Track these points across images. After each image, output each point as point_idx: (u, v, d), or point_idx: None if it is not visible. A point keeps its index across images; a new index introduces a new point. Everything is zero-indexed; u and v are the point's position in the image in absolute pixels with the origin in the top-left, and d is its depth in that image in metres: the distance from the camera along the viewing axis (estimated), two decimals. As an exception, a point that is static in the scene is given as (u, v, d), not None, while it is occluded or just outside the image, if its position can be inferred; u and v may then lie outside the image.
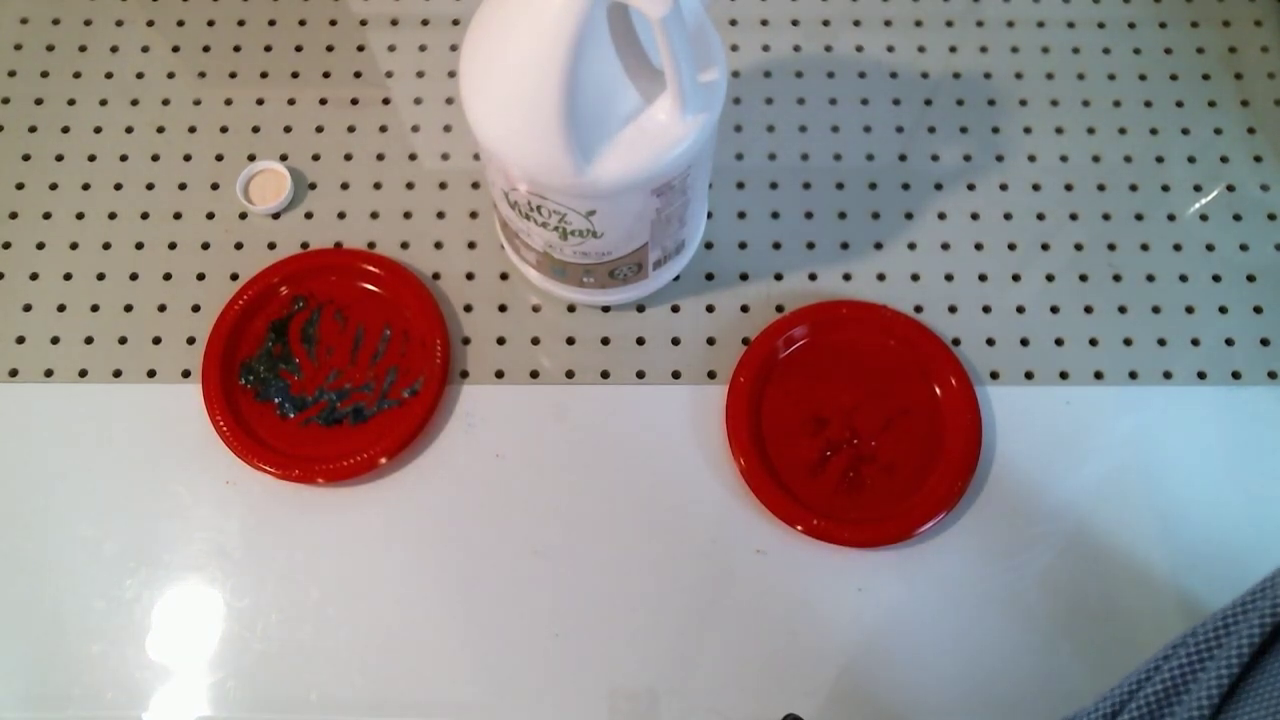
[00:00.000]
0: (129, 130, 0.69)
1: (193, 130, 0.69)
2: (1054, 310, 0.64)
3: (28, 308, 0.64)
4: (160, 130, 0.69)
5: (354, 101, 0.70)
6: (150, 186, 0.67)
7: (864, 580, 0.57)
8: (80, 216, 0.66)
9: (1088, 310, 0.64)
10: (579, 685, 0.56)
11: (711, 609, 0.57)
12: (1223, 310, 0.64)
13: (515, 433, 0.61)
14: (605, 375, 0.62)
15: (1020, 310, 0.64)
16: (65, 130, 0.69)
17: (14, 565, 0.58)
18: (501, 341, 0.63)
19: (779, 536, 0.58)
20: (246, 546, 0.58)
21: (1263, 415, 0.61)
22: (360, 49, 0.71)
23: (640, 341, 0.63)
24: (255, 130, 0.69)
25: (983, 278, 0.65)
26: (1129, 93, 0.70)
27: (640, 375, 0.62)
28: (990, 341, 0.63)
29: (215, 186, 0.67)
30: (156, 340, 0.63)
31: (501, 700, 0.55)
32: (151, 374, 0.62)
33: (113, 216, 0.66)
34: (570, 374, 0.62)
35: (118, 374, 0.62)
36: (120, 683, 0.55)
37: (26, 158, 0.68)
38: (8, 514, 0.59)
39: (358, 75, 0.71)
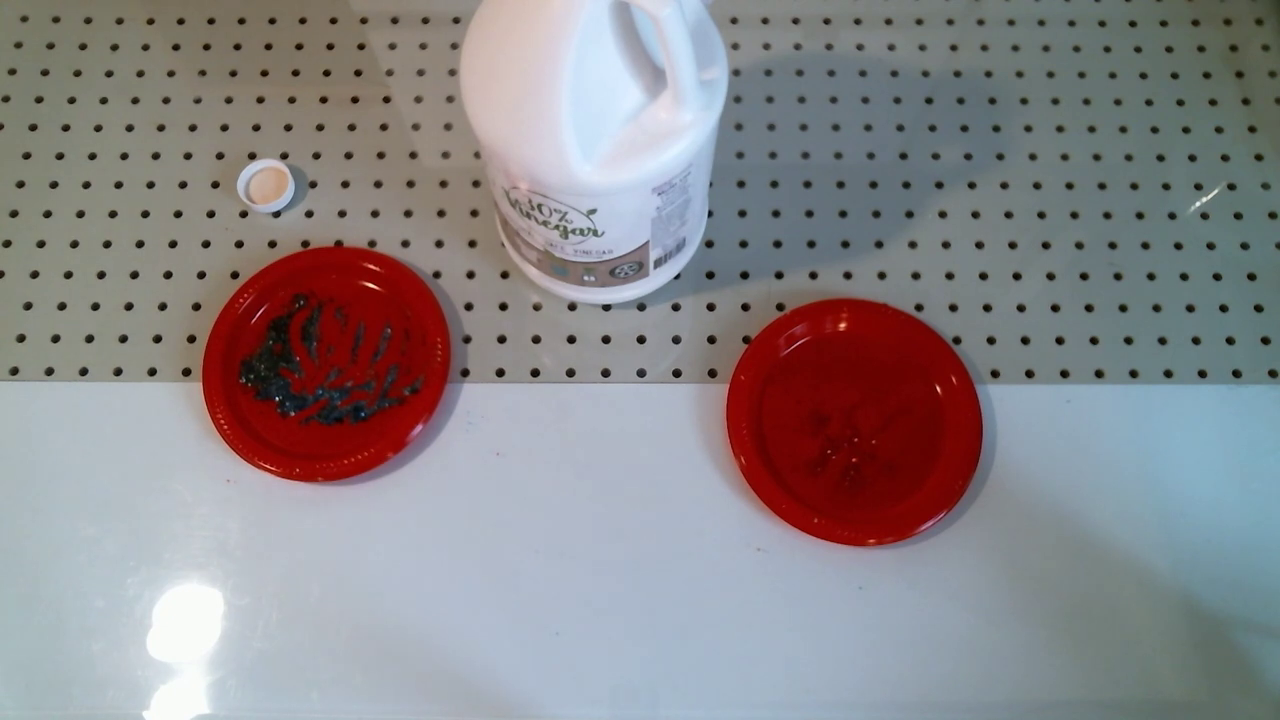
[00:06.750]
0: (129, 128, 0.69)
1: (193, 128, 0.69)
2: (1055, 309, 0.64)
3: (28, 306, 0.64)
4: (161, 128, 0.69)
5: (354, 100, 0.70)
6: (151, 185, 0.67)
7: (864, 578, 0.57)
8: (81, 215, 0.66)
9: (1088, 309, 0.64)
10: (579, 683, 0.56)
11: (712, 607, 0.57)
12: (1223, 309, 0.64)
13: (516, 431, 0.61)
14: (606, 374, 0.62)
15: (1021, 309, 0.64)
16: (65, 128, 0.69)
17: (14, 563, 0.58)
18: (502, 340, 0.63)
19: (779, 535, 0.58)
20: (247, 545, 0.58)
21: (1263, 414, 0.61)
22: (361, 47, 0.71)
23: (641, 340, 0.63)
24: (256, 129, 0.69)
25: (983, 276, 0.65)
26: (1130, 91, 0.70)
27: (641, 374, 0.62)
28: (991, 340, 0.63)
29: (216, 185, 0.67)
30: (157, 339, 0.63)
31: (502, 698, 0.55)
32: (152, 372, 0.62)
33: (113, 215, 0.66)
34: (571, 372, 0.62)
35: (118, 372, 0.62)
36: (121, 681, 0.55)
37: (27, 156, 0.68)
38: (8, 512, 0.59)
39: (358, 73, 0.71)
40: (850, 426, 0.60)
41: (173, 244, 0.65)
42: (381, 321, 0.62)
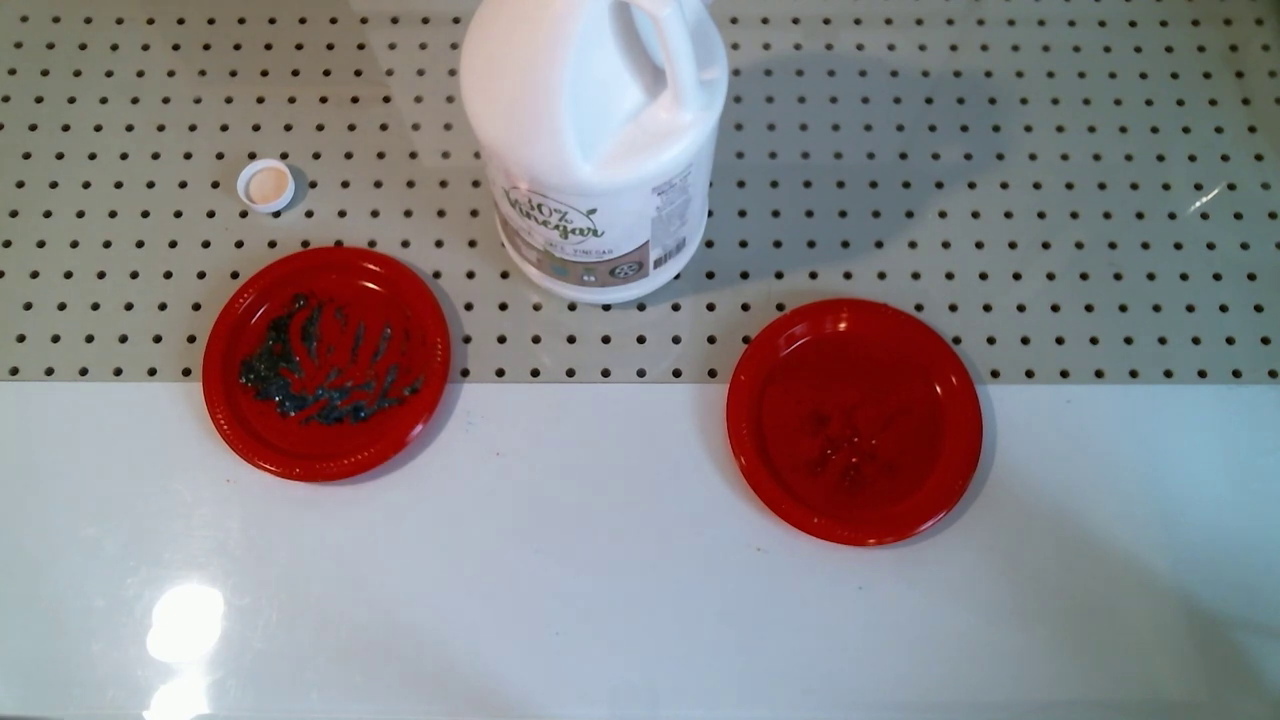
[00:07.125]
0: (129, 128, 0.69)
1: (193, 128, 0.69)
2: (1055, 309, 0.64)
3: (28, 306, 0.64)
4: (160, 128, 0.69)
5: (354, 100, 0.70)
6: (151, 185, 0.67)
7: (864, 578, 0.57)
8: (80, 215, 0.66)
9: (1088, 309, 0.64)
10: (579, 683, 0.56)
11: (711, 607, 0.57)
12: (1223, 309, 0.64)
13: (516, 431, 0.61)
14: (606, 374, 0.62)
15: (1021, 309, 0.64)
16: (65, 128, 0.69)
17: (14, 564, 0.58)
18: (502, 340, 0.63)
19: (779, 535, 0.58)
20: (247, 545, 0.58)
21: (1263, 414, 0.61)
22: (361, 47, 0.71)
23: (641, 340, 0.63)
24: (256, 129, 0.69)
25: (983, 276, 0.65)
26: (1130, 91, 0.70)
27: (641, 374, 0.62)
28: (991, 340, 0.63)
29: (216, 185, 0.67)
30: (157, 339, 0.63)
31: (502, 698, 0.55)
32: (152, 372, 0.62)
33: (113, 215, 0.66)
34: (571, 372, 0.62)
35: (118, 372, 0.62)
36: (121, 681, 0.55)
37: (27, 156, 0.68)
38: (8, 513, 0.59)
39: (358, 73, 0.71)
40: (850, 426, 0.60)
41: (173, 244, 0.65)
42: (381, 321, 0.62)
